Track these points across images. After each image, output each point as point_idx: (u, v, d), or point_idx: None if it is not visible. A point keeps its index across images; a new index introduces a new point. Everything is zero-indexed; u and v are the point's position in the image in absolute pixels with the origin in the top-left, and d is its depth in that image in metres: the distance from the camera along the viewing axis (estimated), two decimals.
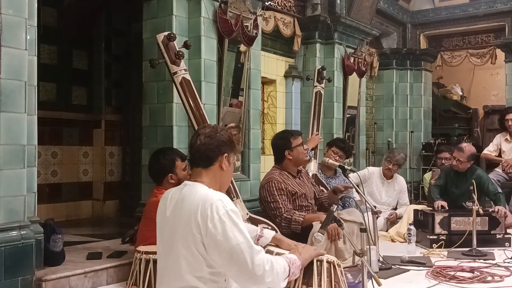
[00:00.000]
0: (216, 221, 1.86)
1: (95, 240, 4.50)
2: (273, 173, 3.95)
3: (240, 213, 1.99)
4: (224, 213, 1.87)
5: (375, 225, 3.67)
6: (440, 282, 3.44)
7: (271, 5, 5.73)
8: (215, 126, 2.17)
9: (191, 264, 1.90)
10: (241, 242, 1.86)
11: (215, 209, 1.87)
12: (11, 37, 2.94)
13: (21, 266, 2.96)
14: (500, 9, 7.84)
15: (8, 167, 2.92)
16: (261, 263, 1.90)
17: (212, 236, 1.86)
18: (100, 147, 6.06)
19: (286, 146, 3.95)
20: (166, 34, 3.84)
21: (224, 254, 1.87)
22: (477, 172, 5.11)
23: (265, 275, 1.90)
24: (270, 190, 3.85)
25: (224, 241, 1.85)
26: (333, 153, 5.00)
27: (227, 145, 2.09)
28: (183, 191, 2.02)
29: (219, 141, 2.08)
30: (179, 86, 3.88)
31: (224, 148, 2.08)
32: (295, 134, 4.07)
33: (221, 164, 2.07)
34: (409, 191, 7.33)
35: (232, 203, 1.97)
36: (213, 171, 2.07)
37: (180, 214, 1.95)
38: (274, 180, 3.86)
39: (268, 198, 3.86)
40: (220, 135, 2.09)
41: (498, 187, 5.45)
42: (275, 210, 3.80)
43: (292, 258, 2.08)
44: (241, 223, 1.91)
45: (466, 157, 5.02)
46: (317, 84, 5.94)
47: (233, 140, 2.13)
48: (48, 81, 5.60)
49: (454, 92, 9.99)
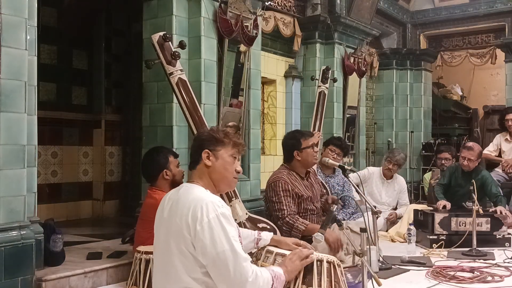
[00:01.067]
0: (204, 224, 1.85)
1: (95, 240, 4.50)
2: (282, 172, 3.87)
3: (241, 214, 1.98)
4: (214, 217, 1.86)
5: (375, 225, 3.67)
6: (440, 282, 3.43)
7: (271, 5, 5.73)
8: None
9: (186, 265, 1.90)
10: (226, 249, 1.84)
11: (205, 212, 1.86)
12: (11, 37, 2.94)
13: (21, 266, 2.96)
14: (500, 9, 7.85)
15: (8, 167, 2.93)
16: (244, 273, 1.86)
17: (198, 239, 1.85)
18: (100, 147, 6.06)
19: (295, 147, 3.87)
20: (162, 35, 3.79)
21: (209, 259, 1.86)
22: (482, 172, 5.11)
23: (246, 286, 1.87)
24: (276, 189, 3.78)
25: (210, 245, 1.84)
26: (331, 151, 4.98)
27: (208, 141, 2.10)
28: (180, 192, 2.03)
29: (199, 139, 2.15)
30: (175, 87, 3.85)
31: (204, 145, 2.09)
32: (306, 135, 3.97)
33: (204, 161, 2.07)
34: (409, 191, 7.33)
35: (226, 206, 1.95)
36: (200, 170, 2.09)
37: (175, 216, 1.95)
38: (282, 180, 3.79)
39: (273, 198, 3.79)
40: (201, 134, 2.16)
41: (501, 190, 5.45)
42: (278, 212, 3.74)
43: (278, 273, 2.01)
44: (230, 229, 1.89)
45: (476, 155, 5.02)
46: (321, 84, 5.95)
47: (219, 136, 2.11)
48: (48, 81, 5.60)
49: (454, 92, 9.99)
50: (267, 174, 5.68)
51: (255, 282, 1.89)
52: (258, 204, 4.92)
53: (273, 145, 6.44)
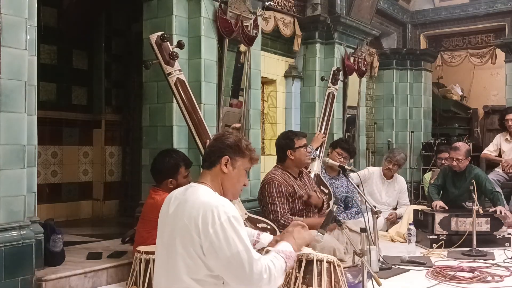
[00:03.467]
0: (217, 227, 1.85)
1: (95, 240, 4.50)
2: (275, 173, 3.94)
3: (240, 214, 1.98)
4: (226, 219, 1.86)
5: (375, 225, 3.67)
6: (440, 282, 3.44)
7: (271, 5, 5.73)
8: (229, 131, 2.17)
9: (189, 266, 1.90)
10: (240, 250, 1.85)
11: (216, 215, 1.86)
12: (11, 37, 2.94)
13: (21, 266, 2.96)
14: (500, 9, 7.84)
15: (8, 167, 2.93)
16: (259, 272, 1.88)
17: (212, 242, 1.85)
18: (100, 147, 6.06)
19: (289, 146, 3.94)
20: (159, 35, 3.79)
21: (223, 260, 1.86)
22: (475, 171, 5.11)
23: (263, 283, 1.89)
24: (270, 190, 3.84)
25: (224, 248, 1.84)
26: (338, 154, 5.00)
27: (231, 148, 2.08)
28: (187, 192, 2.02)
29: (223, 143, 2.09)
30: (173, 87, 3.85)
31: (226, 151, 2.07)
32: (299, 135, 4.07)
33: (222, 166, 2.06)
34: (409, 191, 7.33)
35: (235, 208, 1.96)
36: (215, 173, 2.07)
37: (182, 216, 1.94)
38: (275, 181, 3.85)
39: (267, 199, 3.85)
40: (225, 138, 2.09)
41: (496, 186, 5.45)
42: (272, 214, 3.81)
43: (288, 252, 2.05)
44: (242, 230, 1.90)
45: (463, 154, 5.01)
46: (331, 85, 5.99)
47: (242, 146, 2.10)
48: (48, 81, 5.60)
49: (454, 92, 9.99)
50: None
51: (270, 276, 1.91)
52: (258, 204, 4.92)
53: (273, 145, 6.41)
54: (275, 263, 1.97)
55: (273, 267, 1.94)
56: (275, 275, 1.94)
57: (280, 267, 1.98)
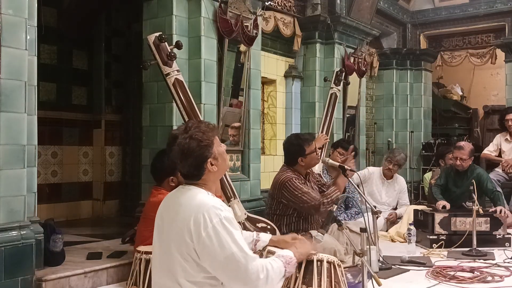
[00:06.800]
0: (210, 230, 1.84)
1: (95, 240, 4.50)
2: (289, 172, 3.93)
3: (239, 214, 1.98)
4: (218, 221, 1.85)
5: (375, 225, 3.67)
6: (440, 282, 3.44)
7: (271, 5, 5.73)
8: (176, 133, 1.99)
9: (185, 269, 1.89)
10: (235, 251, 1.85)
11: (208, 217, 1.85)
12: (11, 37, 2.94)
13: (21, 266, 2.96)
14: (500, 9, 7.84)
15: (8, 167, 2.93)
16: (256, 271, 1.88)
17: (205, 245, 1.84)
18: (100, 147, 6.06)
19: (300, 153, 3.92)
20: (157, 35, 3.77)
21: (218, 263, 1.85)
22: (477, 170, 5.12)
23: (260, 283, 1.89)
24: (294, 186, 3.80)
25: (218, 250, 1.84)
26: (339, 154, 4.99)
27: (206, 150, 1.97)
28: (180, 195, 2.00)
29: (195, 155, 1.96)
30: (172, 88, 3.83)
31: (205, 156, 1.97)
32: (309, 140, 4.01)
33: (209, 169, 1.99)
34: (409, 191, 7.33)
35: (227, 208, 1.94)
36: (204, 179, 2.02)
37: (176, 219, 1.93)
38: (294, 178, 3.85)
39: (296, 193, 3.78)
40: (192, 149, 1.94)
41: (496, 186, 5.45)
42: (310, 201, 3.75)
43: (288, 257, 2.05)
44: (235, 231, 1.89)
45: (468, 154, 5.03)
46: (334, 86, 5.99)
47: (206, 138, 1.96)
48: (48, 81, 5.60)
49: (454, 92, 9.99)
50: (267, 174, 5.70)
51: (267, 277, 1.91)
52: (258, 204, 4.92)
53: (273, 145, 6.43)
54: (273, 265, 1.96)
55: (271, 268, 1.94)
56: (273, 276, 1.93)
57: (279, 270, 1.97)
